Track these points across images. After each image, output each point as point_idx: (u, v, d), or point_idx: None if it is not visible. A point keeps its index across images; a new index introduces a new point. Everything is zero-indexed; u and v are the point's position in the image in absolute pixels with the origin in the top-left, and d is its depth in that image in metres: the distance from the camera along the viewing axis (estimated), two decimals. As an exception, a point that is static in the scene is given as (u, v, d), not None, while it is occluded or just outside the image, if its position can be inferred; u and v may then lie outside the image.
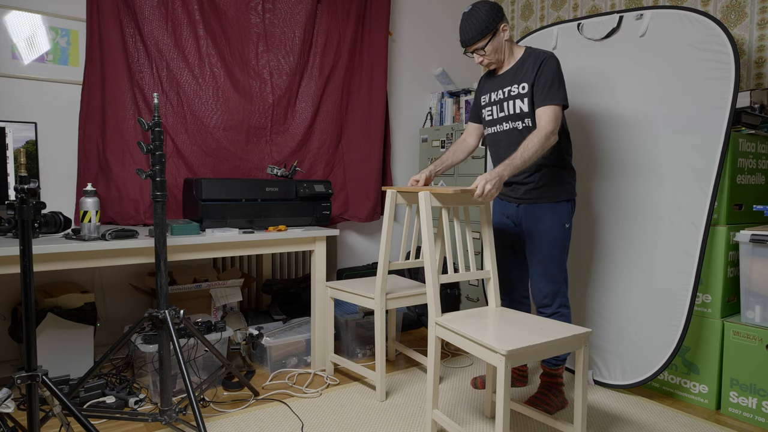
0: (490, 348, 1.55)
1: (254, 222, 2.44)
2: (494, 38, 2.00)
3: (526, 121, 2.02)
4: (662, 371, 2.20)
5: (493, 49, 2.02)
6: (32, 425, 1.44)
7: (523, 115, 2.02)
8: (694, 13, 2.14)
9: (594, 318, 2.43)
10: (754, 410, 2.04)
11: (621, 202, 2.36)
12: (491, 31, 1.98)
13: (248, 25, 2.86)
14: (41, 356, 2.16)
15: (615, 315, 2.35)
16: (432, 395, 1.85)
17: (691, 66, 2.15)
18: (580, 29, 2.54)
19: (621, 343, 2.32)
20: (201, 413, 1.75)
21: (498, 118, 2.11)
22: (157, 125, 1.78)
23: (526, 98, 2.00)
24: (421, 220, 1.84)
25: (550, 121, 1.90)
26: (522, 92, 2.01)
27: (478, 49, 2.03)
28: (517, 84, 2.02)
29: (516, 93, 2.03)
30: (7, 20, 2.33)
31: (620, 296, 2.34)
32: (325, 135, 3.12)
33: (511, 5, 3.83)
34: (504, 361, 1.50)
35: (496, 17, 1.98)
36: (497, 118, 2.12)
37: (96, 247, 1.92)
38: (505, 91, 2.07)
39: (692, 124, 2.15)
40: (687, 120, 2.16)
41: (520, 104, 2.02)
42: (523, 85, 2.00)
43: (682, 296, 2.13)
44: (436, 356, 1.83)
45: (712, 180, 2.07)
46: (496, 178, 1.76)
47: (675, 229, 2.18)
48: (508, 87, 2.06)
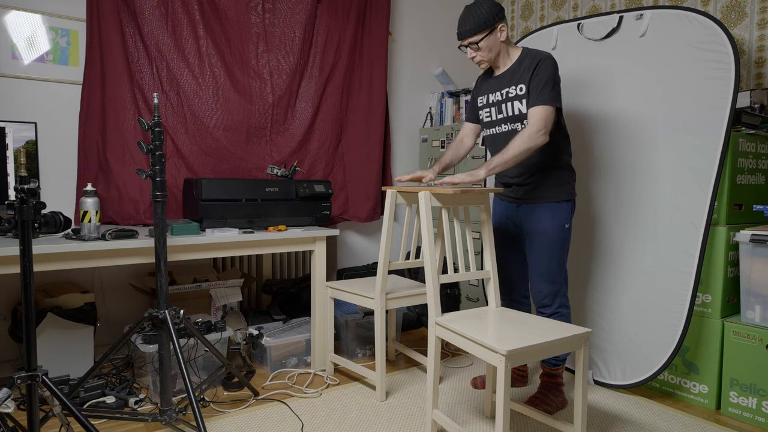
0: (490, 348, 1.55)
1: (254, 222, 2.44)
2: (490, 35, 2.00)
3: (526, 122, 2.02)
4: (662, 371, 2.20)
5: (487, 47, 2.02)
6: (32, 425, 1.44)
7: (522, 116, 2.02)
8: (694, 13, 2.14)
9: (594, 318, 2.43)
10: (754, 410, 2.05)
11: (621, 202, 2.37)
12: (488, 27, 1.98)
13: (248, 25, 2.86)
14: (41, 356, 2.16)
15: (615, 315, 2.35)
16: (432, 395, 1.85)
17: (691, 66, 2.15)
18: (580, 29, 2.54)
19: (621, 343, 2.32)
20: (201, 413, 1.75)
21: (497, 119, 2.12)
22: (157, 125, 1.78)
23: (524, 100, 2.00)
24: (421, 221, 1.84)
25: (536, 121, 1.91)
26: (520, 94, 2.01)
27: (472, 44, 2.03)
28: (514, 85, 2.03)
29: (514, 95, 2.03)
30: (7, 20, 2.33)
31: (620, 296, 2.34)
32: (325, 135, 3.12)
33: (511, 5, 3.83)
34: (504, 361, 1.50)
35: (496, 16, 1.98)
36: (496, 119, 2.12)
37: (96, 247, 1.92)
38: (504, 92, 2.07)
39: (692, 124, 2.15)
40: (687, 120, 2.16)
41: (519, 106, 2.02)
42: (521, 87, 2.00)
43: (682, 296, 2.13)
44: (436, 356, 1.83)
45: (712, 180, 2.07)
46: (470, 177, 1.87)
47: (675, 229, 2.18)
48: (506, 88, 2.06)
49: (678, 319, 2.13)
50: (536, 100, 1.94)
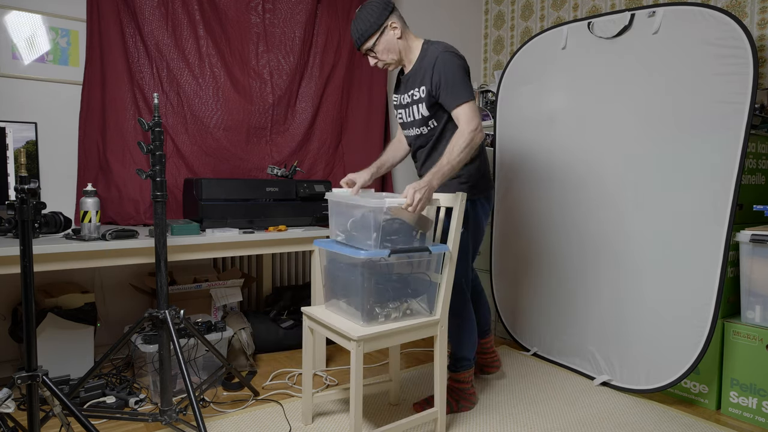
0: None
1: (254, 222, 2.44)
2: (381, 37, 1.88)
3: (431, 124, 1.96)
4: (687, 375, 2.12)
5: (384, 49, 1.90)
6: (32, 425, 1.44)
7: (425, 119, 1.95)
8: (708, 9, 2.09)
9: (614, 320, 2.42)
10: (754, 410, 2.04)
11: (639, 200, 2.30)
12: (377, 29, 1.86)
13: (248, 25, 2.86)
14: (41, 356, 2.16)
15: (637, 318, 2.30)
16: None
17: (707, 62, 2.09)
18: (590, 28, 2.51)
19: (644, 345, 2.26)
20: (201, 413, 1.75)
21: (408, 122, 2.05)
22: (157, 125, 1.78)
23: (424, 103, 1.92)
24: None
25: (469, 120, 1.81)
26: (422, 96, 1.92)
27: (369, 51, 1.92)
28: (416, 87, 1.94)
29: (418, 97, 1.95)
30: (7, 20, 2.34)
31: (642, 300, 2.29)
32: (325, 135, 3.12)
33: (511, 5, 3.83)
34: (355, 347, 1.64)
35: (381, 14, 1.85)
36: (407, 122, 2.05)
37: (96, 247, 1.92)
38: (410, 94, 1.99)
39: (709, 121, 2.08)
40: (704, 118, 2.09)
41: (421, 109, 1.95)
42: (422, 89, 1.91)
43: (707, 296, 2.06)
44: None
45: (734, 177, 2.00)
46: (425, 187, 1.69)
47: (698, 230, 2.10)
48: (411, 90, 1.97)
49: (704, 319, 2.05)
50: (456, 100, 1.83)
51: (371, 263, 1.70)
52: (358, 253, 1.65)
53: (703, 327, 2.07)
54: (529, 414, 2.08)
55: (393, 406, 2.13)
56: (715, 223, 2.06)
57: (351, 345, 1.66)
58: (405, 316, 1.80)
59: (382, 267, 1.75)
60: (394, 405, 2.14)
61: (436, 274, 1.84)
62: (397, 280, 1.79)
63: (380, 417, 2.04)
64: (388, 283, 1.77)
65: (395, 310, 1.78)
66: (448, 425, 1.97)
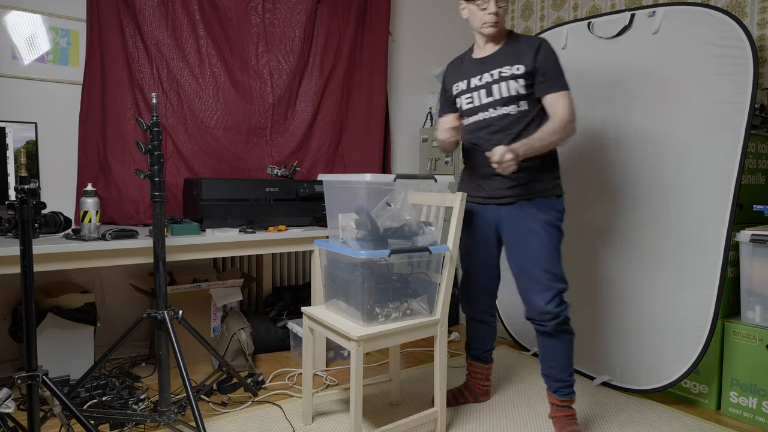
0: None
1: (254, 222, 2.44)
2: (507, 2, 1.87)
3: (522, 105, 1.86)
4: (687, 375, 2.12)
5: (504, 11, 1.86)
6: (32, 425, 1.44)
7: (518, 98, 1.86)
8: (707, 9, 2.09)
9: (614, 320, 2.42)
10: (755, 410, 2.04)
11: (641, 203, 2.31)
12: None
13: (248, 25, 2.86)
14: (41, 356, 2.16)
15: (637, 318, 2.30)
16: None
17: (707, 62, 2.09)
18: (590, 28, 2.51)
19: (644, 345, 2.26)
20: (200, 413, 1.75)
21: (484, 103, 1.92)
22: (155, 125, 1.78)
23: (522, 79, 1.84)
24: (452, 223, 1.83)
25: (570, 109, 1.78)
26: (517, 73, 1.84)
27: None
28: (510, 65, 1.86)
29: (510, 74, 1.85)
30: (7, 20, 2.33)
31: (642, 299, 2.30)
32: (325, 135, 3.12)
33: (511, 5, 3.82)
34: (355, 347, 1.64)
35: None
36: (483, 104, 1.92)
37: (96, 247, 1.92)
38: (494, 73, 1.89)
39: (709, 121, 2.08)
40: (704, 118, 2.09)
41: (516, 86, 1.85)
42: (518, 67, 1.84)
43: (708, 296, 2.06)
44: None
45: (734, 178, 2.00)
46: (514, 153, 1.63)
47: (699, 230, 2.10)
48: (498, 68, 1.88)
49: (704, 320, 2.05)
50: (554, 86, 1.80)
51: (371, 263, 1.70)
52: (358, 253, 1.66)
53: (703, 327, 2.07)
54: (530, 414, 2.08)
55: (393, 406, 2.13)
56: (715, 223, 2.06)
57: (351, 345, 1.66)
58: (405, 316, 1.80)
59: (382, 267, 1.75)
60: (394, 405, 2.14)
61: (437, 274, 1.84)
62: (397, 279, 1.80)
63: (380, 417, 2.04)
64: (388, 283, 1.77)
65: (395, 310, 1.78)
66: (448, 425, 1.98)
